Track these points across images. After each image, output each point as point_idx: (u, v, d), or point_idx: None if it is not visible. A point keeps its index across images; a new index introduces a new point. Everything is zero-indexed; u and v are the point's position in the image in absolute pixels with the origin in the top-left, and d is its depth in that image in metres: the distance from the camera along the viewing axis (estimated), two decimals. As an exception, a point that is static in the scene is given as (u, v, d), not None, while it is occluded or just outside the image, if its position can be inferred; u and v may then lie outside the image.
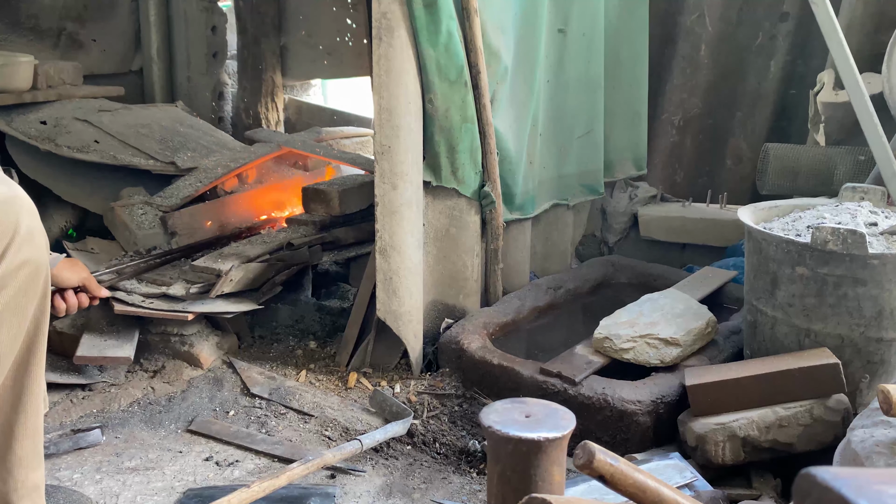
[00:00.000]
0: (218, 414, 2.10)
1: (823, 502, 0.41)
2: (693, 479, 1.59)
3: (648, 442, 1.82)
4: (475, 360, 2.11)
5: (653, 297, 2.19)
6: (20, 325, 1.24)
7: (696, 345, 2.02)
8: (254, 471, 1.84)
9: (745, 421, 1.66)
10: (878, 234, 1.78)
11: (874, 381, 1.76)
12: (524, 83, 2.50)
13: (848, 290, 1.71)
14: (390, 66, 2.07)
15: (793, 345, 1.82)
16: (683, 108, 3.24)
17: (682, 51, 3.22)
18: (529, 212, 2.65)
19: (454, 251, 2.39)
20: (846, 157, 2.63)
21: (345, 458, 1.79)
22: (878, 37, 2.67)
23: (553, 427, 1.07)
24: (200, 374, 2.29)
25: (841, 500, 0.39)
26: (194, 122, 3.37)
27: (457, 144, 2.24)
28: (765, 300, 1.87)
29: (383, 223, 2.14)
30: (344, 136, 3.49)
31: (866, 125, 2.12)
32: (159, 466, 1.85)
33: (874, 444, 1.31)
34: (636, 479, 1.07)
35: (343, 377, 2.27)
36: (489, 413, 1.12)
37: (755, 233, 1.87)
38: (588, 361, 2.00)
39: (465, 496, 1.76)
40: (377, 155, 2.11)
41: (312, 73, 4.08)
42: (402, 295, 2.19)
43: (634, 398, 1.82)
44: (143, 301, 2.25)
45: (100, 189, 2.85)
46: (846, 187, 2.06)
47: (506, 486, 1.08)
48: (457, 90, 2.19)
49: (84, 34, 3.62)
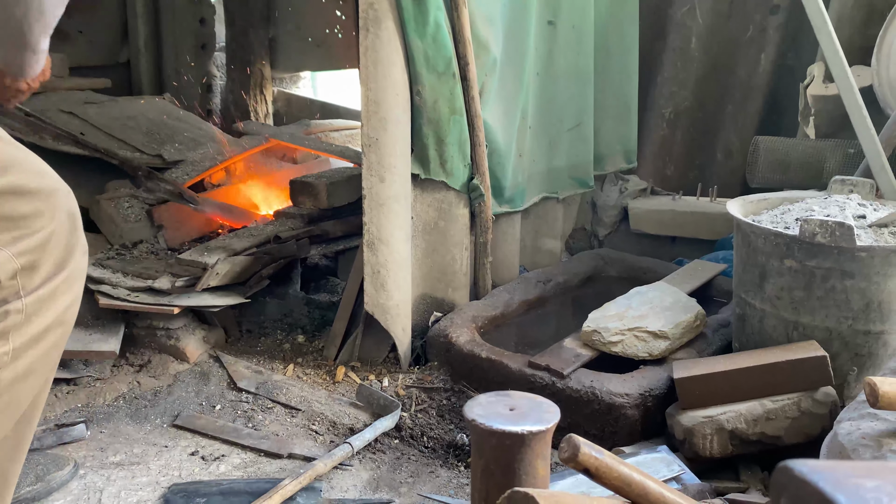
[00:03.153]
0: (204, 408, 2.08)
1: (801, 496, 0.40)
2: (681, 472, 1.59)
3: (636, 435, 1.81)
4: (464, 353, 2.10)
5: (641, 291, 2.18)
6: (46, 379, 1.22)
7: (684, 338, 2.01)
8: (240, 465, 1.82)
9: (732, 414, 1.65)
10: (866, 227, 1.78)
11: (861, 373, 1.75)
12: (513, 75, 2.49)
13: (836, 282, 1.71)
14: (378, 58, 2.04)
15: (781, 338, 1.81)
16: (674, 102, 3.23)
17: (673, 43, 3.20)
18: (519, 205, 2.64)
19: (443, 244, 2.38)
20: (836, 150, 2.63)
21: (336, 464, 1.78)
22: (868, 30, 2.67)
23: (537, 420, 1.06)
24: (187, 369, 2.27)
25: (818, 494, 0.38)
26: (182, 115, 3.34)
27: (445, 137, 2.22)
28: (753, 293, 1.86)
29: (371, 216, 2.12)
30: (333, 129, 3.47)
31: (855, 118, 2.12)
32: (144, 461, 1.83)
33: (860, 436, 1.30)
34: (621, 472, 1.06)
35: (331, 371, 2.26)
36: (473, 406, 1.11)
37: (744, 225, 1.86)
38: (576, 355, 1.99)
39: (452, 490, 1.75)
40: (364, 147, 2.09)
41: (301, 65, 4.05)
42: (390, 288, 2.17)
43: (622, 391, 1.82)
44: (129, 295, 2.23)
45: (85, 182, 2.82)
46: (835, 180, 2.05)
47: (490, 481, 1.07)
48: (445, 82, 2.17)
49: (70, 25, 3.58)
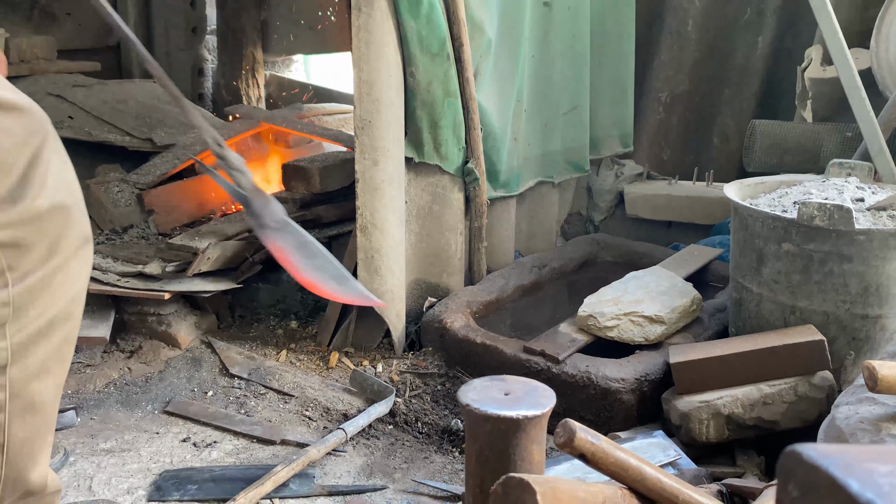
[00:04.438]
0: (196, 394, 2.06)
1: (810, 482, 0.38)
2: (677, 457, 1.58)
3: (632, 420, 1.80)
4: (458, 338, 2.08)
5: (637, 275, 2.17)
6: (62, 374, 1.16)
7: (680, 322, 2.00)
8: (232, 452, 1.81)
9: (729, 398, 1.64)
10: (864, 210, 1.76)
11: (859, 357, 1.74)
12: (508, 57, 2.45)
13: (834, 266, 1.69)
14: (370, 39, 2.01)
15: (778, 322, 1.80)
16: (670, 85, 3.19)
17: (670, 26, 3.16)
18: (514, 189, 2.62)
19: (437, 229, 2.35)
20: (833, 134, 2.61)
21: (329, 450, 1.76)
22: (867, 12, 2.64)
23: (532, 405, 1.04)
24: (178, 355, 2.24)
25: (829, 480, 0.36)
26: (173, 99, 3.29)
27: (439, 119, 2.19)
28: (750, 277, 1.84)
29: (364, 200, 2.10)
30: (326, 113, 3.43)
31: (854, 100, 2.09)
32: (135, 448, 1.81)
33: (858, 420, 1.29)
34: (617, 457, 1.05)
35: (324, 357, 2.24)
36: (467, 391, 1.09)
37: (741, 209, 1.84)
38: (572, 339, 1.97)
39: (446, 476, 1.73)
40: (357, 130, 2.06)
41: (294, 48, 3.99)
42: (384, 273, 2.15)
43: (618, 376, 1.80)
44: (119, 280, 2.20)
45: (74, 166, 2.77)
46: (833, 163, 2.03)
47: (484, 466, 1.05)
48: (439, 63, 2.13)
49: (58, 7, 3.52)
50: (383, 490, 1.67)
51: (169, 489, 1.65)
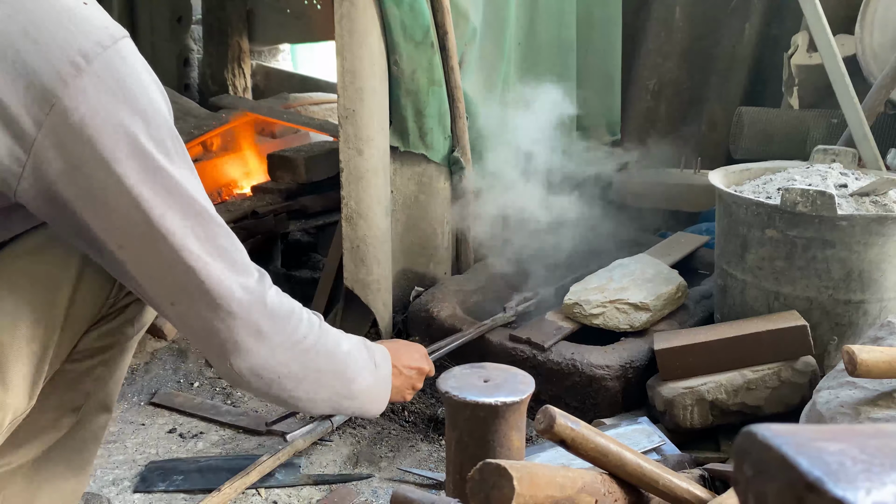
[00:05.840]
0: (182, 386, 2.06)
1: (763, 461, 0.38)
2: (661, 442, 1.58)
3: (617, 407, 1.80)
4: (445, 327, 2.08)
5: (623, 263, 2.17)
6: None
7: (665, 309, 2.00)
8: (218, 442, 1.81)
9: (713, 384, 1.65)
10: (847, 196, 1.76)
11: (842, 342, 1.75)
12: (494, 45, 2.44)
13: (817, 252, 1.69)
14: (353, 27, 1.99)
15: (762, 308, 1.80)
16: (658, 73, 3.19)
17: (657, 13, 3.16)
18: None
19: (424, 219, 2.35)
20: (819, 120, 2.61)
21: (315, 439, 1.76)
22: (852, -2, 2.64)
23: (511, 391, 1.04)
24: (164, 346, 2.24)
25: (780, 459, 0.36)
26: (158, 89, 3.27)
27: (424, 108, 2.18)
28: (735, 264, 1.85)
29: (349, 190, 2.09)
30: (312, 103, 3.41)
31: (838, 87, 2.09)
32: (121, 439, 1.81)
33: (839, 404, 1.30)
34: (598, 443, 1.05)
35: (311, 347, 2.23)
36: (447, 378, 1.09)
37: (725, 196, 1.84)
38: (558, 327, 1.97)
39: (432, 464, 1.74)
40: (341, 119, 2.05)
41: (280, 37, 3.97)
42: (370, 263, 2.14)
43: (603, 363, 1.81)
44: (104, 272, 2.19)
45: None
46: (817, 149, 2.03)
47: (464, 453, 1.05)
48: (423, 52, 2.12)
49: None
50: (369, 479, 1.67)
51: (154, 480, 1.64)
